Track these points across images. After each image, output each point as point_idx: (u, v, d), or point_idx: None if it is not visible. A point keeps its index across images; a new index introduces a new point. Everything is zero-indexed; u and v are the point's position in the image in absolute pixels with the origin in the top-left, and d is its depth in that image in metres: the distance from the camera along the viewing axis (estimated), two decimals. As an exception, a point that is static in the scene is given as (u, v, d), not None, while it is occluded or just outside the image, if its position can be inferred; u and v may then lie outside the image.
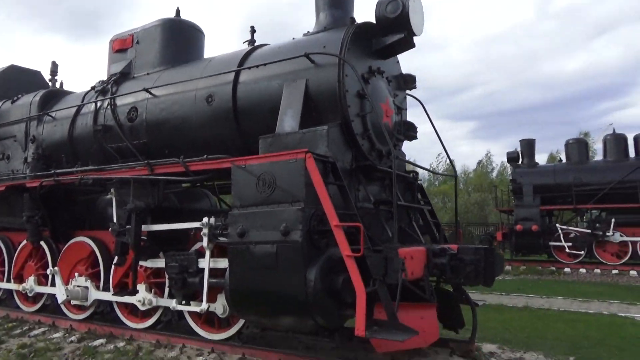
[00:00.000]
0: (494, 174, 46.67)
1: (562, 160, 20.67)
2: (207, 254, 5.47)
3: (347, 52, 5.34)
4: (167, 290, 6.30)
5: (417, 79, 6.73)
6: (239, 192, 4.98)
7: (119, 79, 7.60)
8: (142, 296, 6.24)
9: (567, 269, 17.06)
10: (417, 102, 6.74)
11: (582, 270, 16.87)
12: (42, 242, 7.83)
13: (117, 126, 7.04)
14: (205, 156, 5.60)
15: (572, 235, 18.02)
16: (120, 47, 7.77)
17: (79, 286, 7.08)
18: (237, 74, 6.04)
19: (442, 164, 43.27)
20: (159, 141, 6.70)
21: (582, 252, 17.51)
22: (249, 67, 5.96)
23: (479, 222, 31.93)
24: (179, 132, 6.46)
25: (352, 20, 5.83)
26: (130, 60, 7.65)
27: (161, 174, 5.81)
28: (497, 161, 47.37)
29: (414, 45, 5.89)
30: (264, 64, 5.78)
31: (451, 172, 17.16)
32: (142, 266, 6.49)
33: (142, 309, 6.37)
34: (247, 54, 6.31)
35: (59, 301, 6.96)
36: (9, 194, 7.74)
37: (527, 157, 20.03)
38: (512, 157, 20.25)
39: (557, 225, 18.55)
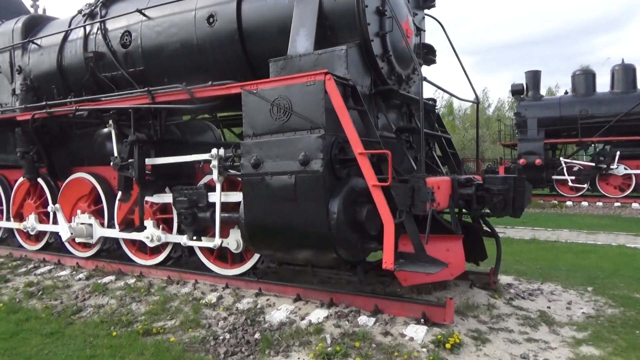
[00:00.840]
0: (491, 110, 46.04)
1: (567, 92, 20.15)
2: (218, 187, 5.16)
3: (365, -39, 4.75)
4: (175, 226, 6.06)
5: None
6: (251, 119, 4.58)
7: (108, 0, 6.93)
8: (150, 232, 6.00)
9: (569, 202, 17.08)
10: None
11: (585, 203, 16.90)
12: (40, 180, 7.49)
13: (109, 53, 6.48)
14: (209, 82, 5.15)
15: (575, 168, 17.89)
16: (107, -36, 7.02)
17: (82, 223, 6.83)
18: (241, -10, 5.44)
19: (440, 100, 42.45)
20: (157, 68, 6.18)
21: (585, 186, 17.46)
22: (255, -18, 5.35)
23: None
24: (179, 57, 5.93)
25: None
26: (119, -22, 6.94)
27: (163, 102, 5.36)
28: (494, 97, 46.40)
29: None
30: (272, -22, 5.18)
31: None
32: (148, 202, 6.21)
33: (150, 245, 6.15)
34: (252, -33, 5.66)
35: (63, 239, 6.73)
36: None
37: (532, 90, 19.49)
38: (516, 90, 19.67)
39: (560, 158, 18.37)
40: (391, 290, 5.45)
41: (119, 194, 6.48)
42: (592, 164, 17.48)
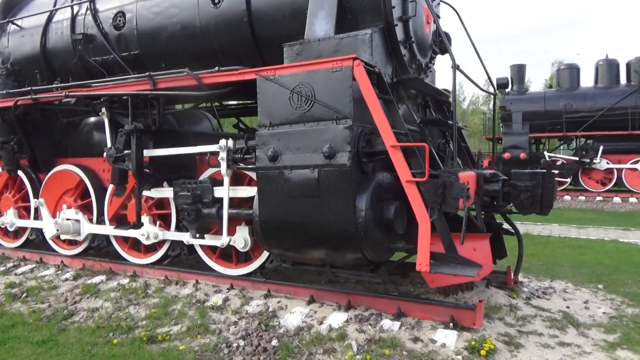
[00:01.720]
0: (465, 104, 46.36)
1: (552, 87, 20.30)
2: (226, 181, 4.78)
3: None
4: (173, 222, 5.65)
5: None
6: (268, 108, 4.22)
7: (96, -21, 6.40)
8: (146, 229, 5.56)
9: (553, 196, 17.22)
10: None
11: (567, 197, 17.07)
12: (20, 172, 6.93)
13: (100, 35, 5.98)
14: (216, 68, 4.75)
15: (559, 162, 18.05)
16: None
17: (68, 219, 6.32)
18: (250, -33, 5.03)
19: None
20: (154, 52, 5.72)
21: (568, 180, 17.64)
22: (265, -41, 4.95)
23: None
24: (179, 40, 5.49)
25: None
26: (109, -45, 6.41)
27: (167, 88, 4.92)
28: (468, 91, 46.78)
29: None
30: (285, -45, 4.80)
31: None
32: (143, 197, 5.77)
33: (146, 243, 5.72)
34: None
35: (48, 236, 6.22)
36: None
37: (517, 84, 19.55)
38: (501, 84, 19.49)
39: (544, 152, 18.51)
40: (404, 290, 5.20)
41: (111, 187, 6.03)
42: (575, 158, 17.67)
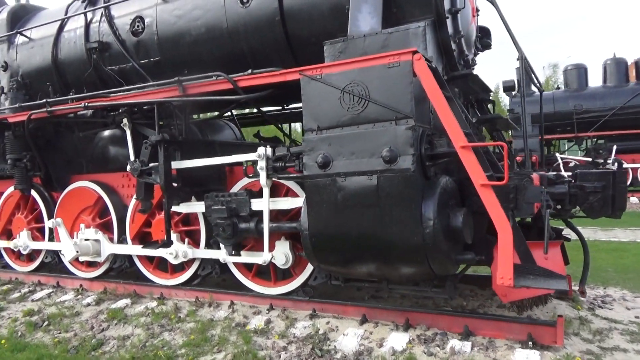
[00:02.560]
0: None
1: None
2: (266, 192, 4.39)
3: None
4: (203, 240, 5.25)
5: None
6: (314, 110, 3.85)
7: (111, -16, 6.07)
8: (175, 248, 5.16)
9: (569, 198, 16.87)
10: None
11: (583, 198, 16.71)
12: (33, 191, 6.52)
13: (117, 43, 5.62)
14: (249, 70, 4.39)
15: (571, 164, 17.72)
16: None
17: (87, 239, 5.91)
18: (282, -38, 4.69)
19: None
20: (176, 58, 5.37)
21: (583, 181, 17.29)
22: (298, -46, 4.62)
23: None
24: (203, 44, 5.14)
25: None
26: (123, -41, 6.08)
27: (199, 94, 4.55)
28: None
29: None
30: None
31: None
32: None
33: (174, 262, 5.32)
34: None
35: (67, 258, 5.79)
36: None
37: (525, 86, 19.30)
38: (508, 86, 19.36)
39: (556, 154, 18.19)
40: (455, 304, 4.81)
41: (133, 204, 5.64)
42: (589, 159, 17.34)
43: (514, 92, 19.20)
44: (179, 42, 5.28)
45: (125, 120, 5.15)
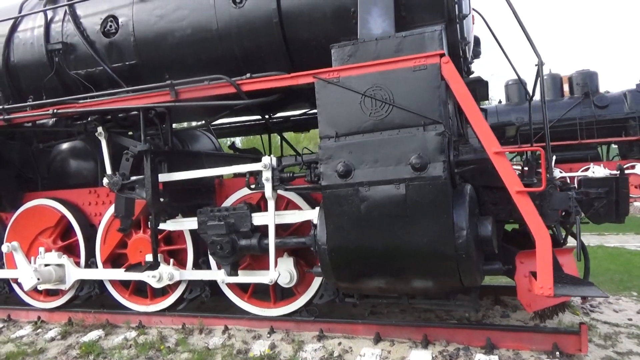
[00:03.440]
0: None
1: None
2: (271, 205, 4.05)
3: None
4: (190, 259, 4.79)
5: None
6: (332, 116, 3.60)
7: (74, -19, 5.50)
8: (159, 270, 4.65)
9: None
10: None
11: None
12: (-24, 211, 5.72)
13: (85, 44, 5.05)
14: (247, 75, 4.07)
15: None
16: None
17: (47, 264, 5.22)
18: (279, -41, 4.41)
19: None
20: (156, 62, 4.89)
21: (526, 189, 18.18)
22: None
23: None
24: (188, 46, 4.72)
25: None
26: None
27: (196, 99, 4.13)
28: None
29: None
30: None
31: None
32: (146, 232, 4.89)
33: (157, 286, 4.80)
34: None
35: (26, 287, 5.06)
36: None
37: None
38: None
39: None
40: (461, 316, 4.70)
41: (103, 223, 5.06)
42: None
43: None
44: (159, 44, 4.83)
45: (100, 129, 4.60)
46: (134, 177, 4.42)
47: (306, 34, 4.40)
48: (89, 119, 4.77)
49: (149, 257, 4.76)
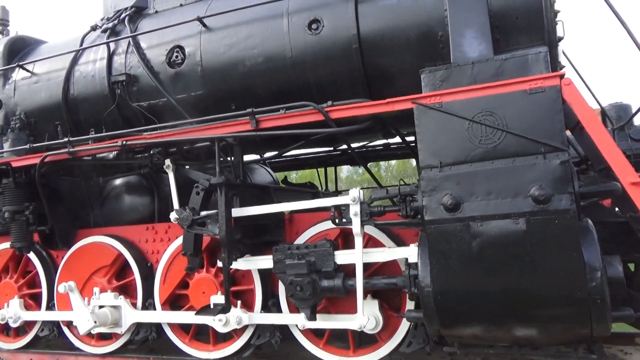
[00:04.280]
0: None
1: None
2: (359, 242, 3.71)
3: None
4: (259, 301, 4.43)
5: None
6: (434, 144, 3.30)
7: (134, 15, 5.43)
8: (227, 313, 4.29)
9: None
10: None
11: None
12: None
13: (149, 76, 4.91)
14: (329, 102, 3.82)
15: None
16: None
17: (101, 306, 4.90)
18: (360, -16, 4.24)
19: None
20: (224, 92, 4.71)
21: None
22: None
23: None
24: (259, 75, 4.54)
25: None
26: (145, -11, 5.50)
27: (276, 128, 3.88)
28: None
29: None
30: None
31: None
32: (212, 270, 4.57)
33: (222, 331, 4.42)
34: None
35: (82, 331, 4.72)
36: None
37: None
38: None
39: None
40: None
41: (162, 262, 4.77)
42: None
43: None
44: (228, 74, 4.65)
45: (167, 161, 4.37)
46: (204, 212, 4.14)
47: (387, 60, 4.19)
48: (151, 151, 4.57)
49: (215, 299, 4.42)
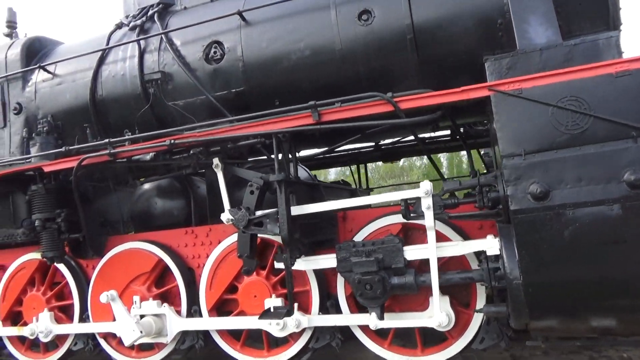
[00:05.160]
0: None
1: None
2: (432, 236, 3.59)
3: None
4: (316, 303, 4.27)
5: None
6: (515, 132, 3.20)
7: (164, 11, 5.24)
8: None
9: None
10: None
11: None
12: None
13: (186, 72, 4.72)
14: (389, 94, 3.69)
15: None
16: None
17: (142, 315, 4.68)
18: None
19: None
20: (267, 87, 4.56)
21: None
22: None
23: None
24: (306, 69, 4.40)
25: None
26: (172, -16, 5.31)
27: (338, 121, 3.73)
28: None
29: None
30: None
31: None
32: (263, 272, 4.40)
33: (279, 335, 4.26)
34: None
35: (127, 342, 4.48)
36: (1, 188, 5.00)
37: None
38: None
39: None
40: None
41: (207, 266, 4.58)
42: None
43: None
44: (272, 69, 4.50)
45: (216, 160, 4.19)
46: (259, 212, 3.98)
47: (443, 50, 4.09)
48: (191, 151, 4.37)
49: (270, 302, 4.26)
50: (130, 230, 5.66)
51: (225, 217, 4.06)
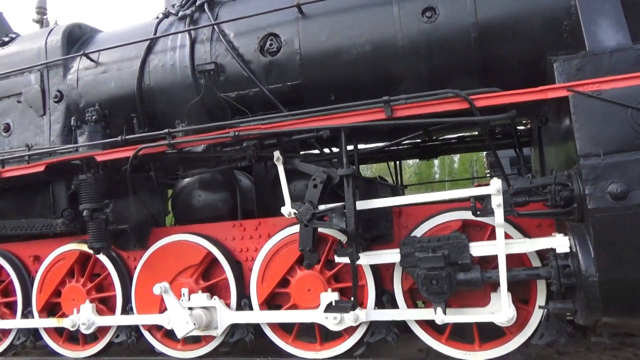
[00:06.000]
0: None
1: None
2: (501, 233, 3.63)
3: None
4: (372, 298, 4.30)
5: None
6: (594, 133, 3.26)
7: (211, 1, 5.20)
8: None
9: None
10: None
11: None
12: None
13: (240, 64, 4.70)
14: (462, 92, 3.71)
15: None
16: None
17: (191, 308, 4.66)
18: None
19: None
20: (324, 81, 4.56)
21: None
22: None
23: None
24: (366, 65, 4.41)
25: None
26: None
27: (411, 117, 3.75)
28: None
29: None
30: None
31: None
32: (316, 267, 4.42)
33: (335, 329, 4.28)
34: None
35: (181, 334, 4.47)
36: (43, 177, 4.92)
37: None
38: None
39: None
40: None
41: (259, 259, 4.59)
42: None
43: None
44: (329, 63, 4.50)
45: (277, 154, 4.19)
46: (322, 206, 3.99)
47: (507, 50, 4.14)
48: (244, 144, 4.36)
49: (326, 296, 4.28)
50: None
51: (286, 210, 4.06)
